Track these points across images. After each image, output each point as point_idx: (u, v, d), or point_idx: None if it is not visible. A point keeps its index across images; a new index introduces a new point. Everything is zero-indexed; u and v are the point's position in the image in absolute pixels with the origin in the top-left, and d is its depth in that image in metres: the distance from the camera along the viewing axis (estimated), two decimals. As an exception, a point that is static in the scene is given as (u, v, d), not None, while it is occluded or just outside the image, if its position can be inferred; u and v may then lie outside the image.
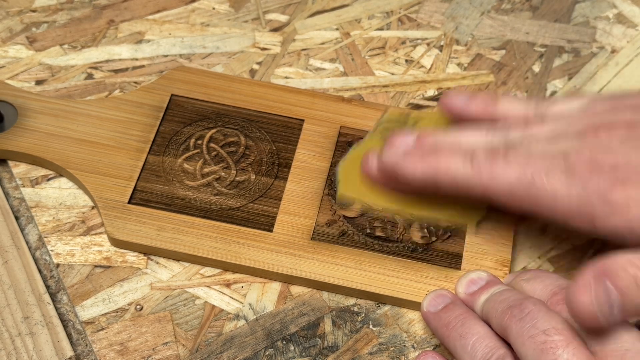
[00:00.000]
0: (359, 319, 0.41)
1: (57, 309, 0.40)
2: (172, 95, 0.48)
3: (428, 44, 0.53)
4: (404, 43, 0.53)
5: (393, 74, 0.51)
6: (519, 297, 0.36)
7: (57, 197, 0.45)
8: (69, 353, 0.38)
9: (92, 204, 0.44)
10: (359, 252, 0.42)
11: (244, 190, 0.44)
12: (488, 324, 0.37)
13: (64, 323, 0.40)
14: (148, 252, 0.43)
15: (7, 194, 0.45)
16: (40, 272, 0.42)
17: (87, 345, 0.40)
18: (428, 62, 0.52)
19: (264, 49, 0.52)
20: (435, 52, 0.52)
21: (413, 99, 0.50)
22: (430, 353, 0.38)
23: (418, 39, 0.53)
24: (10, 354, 0.38)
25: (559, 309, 0.36)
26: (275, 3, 0.54)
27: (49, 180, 0.45)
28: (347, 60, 0.52)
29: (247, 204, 0.44)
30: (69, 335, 0.40)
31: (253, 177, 0.45)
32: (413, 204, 0.40)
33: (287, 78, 0.50)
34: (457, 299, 0.39)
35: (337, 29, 0.53)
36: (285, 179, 0.45)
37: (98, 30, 0.52)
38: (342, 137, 0.46)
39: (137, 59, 0.51)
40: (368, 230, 0.43)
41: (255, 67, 0.51)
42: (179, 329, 0.40)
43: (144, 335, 0.40)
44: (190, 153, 0.46)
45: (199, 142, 0.46)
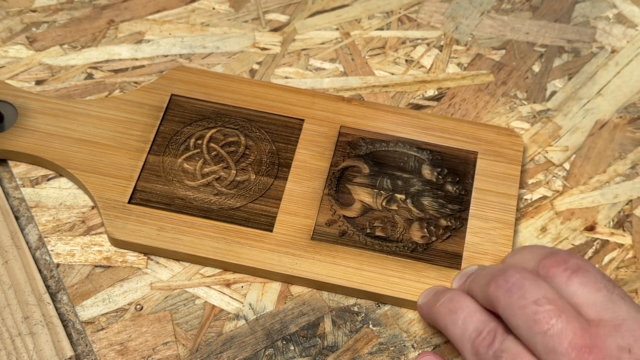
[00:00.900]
0: (359, 319, 0.41)
1: (57, 309, 0.40)
2: (172, 95, 0.48)
3: (428, 44, 0.53)
4: (404, 43, 0.53)
5: (393, 74, 0.51)
6: (501, 267, 0.35)
7: (57, 197, 0.45)
8: (69, 353, 0.38)
9: (92, 204, 0.44)
10: (359, 252, 0.42)
11: (244, 190, 0.44)
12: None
13: (64, 323, 0.40)
14: (148, 252, 0.43)
15: (7, 194, 0.45)
16: (41, 272, 0.42)
17: (87, 345, 0.40)
18: (428, 62, 0.52)
19: (264, 49, 0.52)
20: (435, 52, 0.52)
21: (413, 99, 0.50)
22: (430, 354, 0.38)
23: (418, 39, 0.53)
24: (11, 354, 0.38)
25: (552, 273, 0.35)
26: (275, 3, 0.54)
27: (49, 180, 0.45)
28: (347, 60, 0.52)
29: (247, 204, 0.44)
30: (69, 335, 0.40)
31: (253, 177, 0.45)
32: None
33: (287, 78, 0.50)
34: (448, 288, 0.39)
35: (337, 29, 0.53)
36: (285, 179, 0.45)
37: (98, 30, 0.52)
38: (342, 137, 0.46)
39: (137, 59, 0.51)
40: (368, 230, 0.43)
41: (255, 67, 0.51)
42: (179, 329, 0.40)
43: (144, 335, 0.40)
44: (190, 153, 0.46)
45: (199, 142, 0.46)
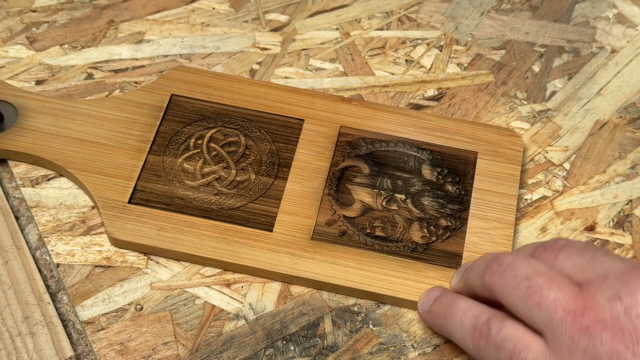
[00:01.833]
0: (359, 319, 0.41)
1: (57, 309, 0.40)
2: (172, 95, 0.48)
3: (428, 44, 0.53)
4: (404, 43, 0.53)
5: (393, 74, 0.51)
6: (495, 254, 0.36)
7: (57, 197, 0.45)
8: (69, 353, 0.38)
9: (92, 204, 0.44)
10: (359, 251, 0.42)
11: (244, 190, 0.44)
12: (475, 295, 0.37)
13: (64, 323, 0.40)
14: (148, 252, 0.43)
15: (7, 194, 0.45)
16: (41, 272, 0.42)
17: (87, 345, 0.40)
18: (428, 62, 0.52)
19: (264, 49, 0.52)
20: (435, 52, 0.52)
21: (413, 99, 0.50)
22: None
23: (418, 39, 0.53)
24: (11, 354, 0.38)
25: (543, 257, 0.35)
26: (275, 3, 0.54)
27: (49, 180, 0.45)
28: (347, 60, 0.52)
29: (247, 204, 0.44)
30: (69, 335, 0.40)
31: (253, 176, 0.45)
32: None
33: (287, 78, 0.50)
34: (445, 290, 0.39)
35: (337, 29, 0.53)
36: (285, 179, 0.45)
37: (98, 30, 0.52)
38: (342, 137, 0.46)
39: (137, 59, 0.51)
40: (368, 230, 0.43)
41: (255, 67, 0.51)
42: (179, 329, 0.40)
43: (144, 335, 0.40)
44: (190, 153, 0.46)
45: (199, 142, 0.46)
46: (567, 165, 0.47)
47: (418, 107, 0.50)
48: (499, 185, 0.45)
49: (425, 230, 0.43)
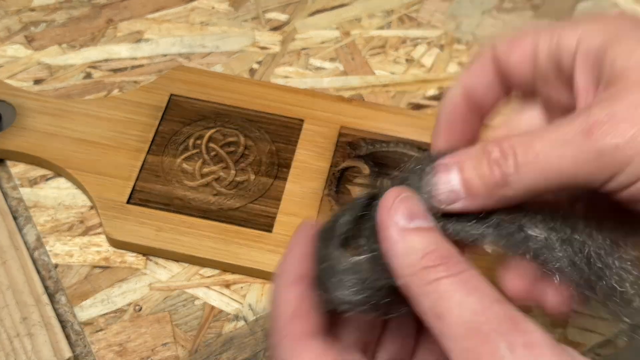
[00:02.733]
0: (359, 320, 0.41)
1: (55, 310, 0.40)
2: (171, 95, 0.48)
3: (429, 43, 0.52)
4: (405, 42, 0.53)
5: (393, 74, 0.51)
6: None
7: (55, 197, 0.44)
8: (68, 354, 0.38)
9: (90, 204, 0.44)
10: (359, 252, 0.42)
11: (244, 191, 0.44)
12: None
13: (63, 324, 0.40)
14: (147, 252, 0.42)
15: (5, 194, 0.44)
16: (39, 272, 0.42)
17: (85, 346, 0.39)
18: (429, 61, 0.51)
19: (264, 49, 0.52)
20: (436, 51, 0.52)
21: (414, 99, 0.50)
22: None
23: (419, 38, 0.53)
24: (9, 355, 0.38)
25: None
26: (275, 2, 0.54)
27: (48, 180, 0.45)
28: (347, 60, 0.51)
29: (246, 204, 0.44)
30: (68, 336, 0.40)
31: (252, 177, 0.45)
32: None
33: (286, 77, 0.50)
34: None
35: (337, 28, 0.53)
36: (285, 179, 0.44)
37: (97, 30, 0.52)
38: (342, 137, 0.46)
39: (136, 59, 0.51)
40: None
41: (255, 66, 0.51)
42: (178, 330, 0.40)
43: (143, 336, 0.40)
44: (190, 153, 0.45)
45: (198, 142, 0.46)
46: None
47: (419, 106, 0.49)
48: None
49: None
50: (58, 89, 0.49)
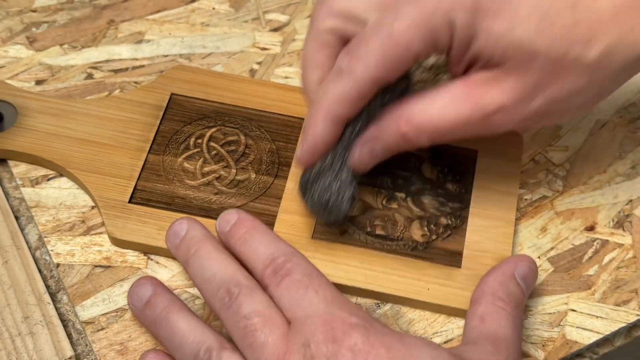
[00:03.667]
0: (360, 318, 0.41)
1: (57, 309, 0.40)
2: (172, 94, 0.48)
3: (428, 44, 0.53)
4: (404, 42, 0.53)
5: (393, 74, 0.51)
6: (228, 277, 0.35)
7: (57, 196, 0.45)
8: (69, 353, 0.38)
9: (92, 204, 0.44)
10: (360, 250, 0.42)
11: (244, 189, 0.44)
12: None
13: (64, 323, 0.40)
14: (148, 251, 0.43)
15: (7, 194, 0.45)
16: (40, 272, 0.42)
17: (87, 345, 0.40)
18: (428, 60, 0.52)
19: (264, 49, 0.52)
20: (435, 51, 0.52)
21: (413, 99, 0.50)
22: (152, 352, 0.37)
23: (418, 39, 0.53)
24: (10, 354, 0.38)
25: (267, 282, 0.35)
26: (275, 3, 0.54)
27: (49, 180, 0.45)
28: (347, 60, 0.52)
29: (247, 203, 0.44)
30: (69, 335, 0.40)
31: (253, 176, 0.45)
32: None
33: (287, 78, 0.50)
34: (159, 287, 0.38)
35: (337, 29, 0.53)
36: (286, 178, 0.45)
37: (98, 30, 0.52)
38: (342, 136, 0.46)
39: (137, 59, 0.51)
40: (368, 229, 0.43)
41: (255, 67, 0.51)
42: (180, 329, 0.40)
43: (144, 335, 0.40)
44: (191, 152, 0.46)
45: (199, 141, 0.46)
46: (567, 165, 0.47)
47: (418, 106, 0.49)
48: (500, 183, 0.45)
49: (426, 229, 0.43)
50: (59, 90, 0.49)
